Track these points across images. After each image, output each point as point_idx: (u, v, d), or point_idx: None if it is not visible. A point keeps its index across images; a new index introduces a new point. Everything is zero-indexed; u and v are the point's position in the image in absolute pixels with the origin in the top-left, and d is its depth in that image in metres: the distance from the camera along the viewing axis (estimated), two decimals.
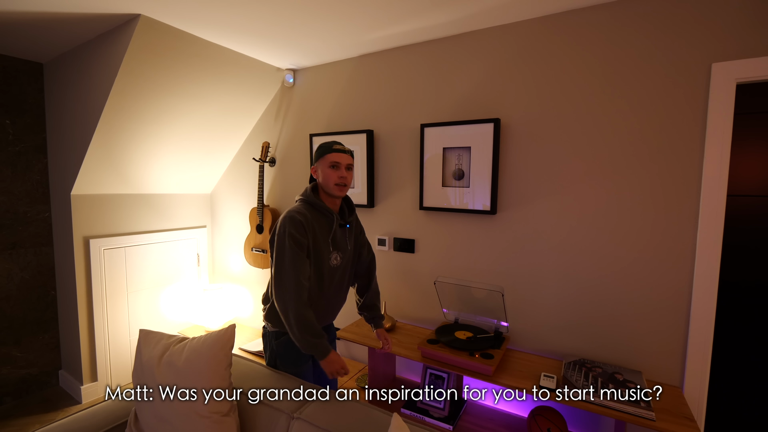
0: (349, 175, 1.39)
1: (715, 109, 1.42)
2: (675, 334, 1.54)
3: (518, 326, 1.87)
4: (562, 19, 1.69)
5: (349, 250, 1.48)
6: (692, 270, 1.50)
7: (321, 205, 1.38)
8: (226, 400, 1.17)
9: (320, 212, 1.39)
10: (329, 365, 1.33)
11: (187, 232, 2.87)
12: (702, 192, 1.46)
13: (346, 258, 1.47)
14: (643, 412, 1.29)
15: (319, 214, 1.38)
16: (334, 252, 1.41)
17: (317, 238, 1.35)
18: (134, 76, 1.93)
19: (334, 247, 1.41)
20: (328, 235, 1.38)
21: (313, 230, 1.34)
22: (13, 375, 2.37)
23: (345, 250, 1.46)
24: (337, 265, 1.44)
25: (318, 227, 1.36)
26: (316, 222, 1.36)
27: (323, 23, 1.82)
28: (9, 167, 2.30)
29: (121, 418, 1.27)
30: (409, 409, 1.83)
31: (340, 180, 1.36)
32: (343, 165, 1.38)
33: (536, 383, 1.51)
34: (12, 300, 2.35)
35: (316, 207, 1.39)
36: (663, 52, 1.51)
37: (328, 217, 1.39)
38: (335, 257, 1.41)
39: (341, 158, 1.38)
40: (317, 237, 1.35)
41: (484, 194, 1.86)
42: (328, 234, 1.38)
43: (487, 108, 1.88)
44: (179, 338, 1.27)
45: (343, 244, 1.44)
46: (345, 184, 1.38)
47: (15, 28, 1.89)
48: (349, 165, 1.40)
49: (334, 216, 1.39)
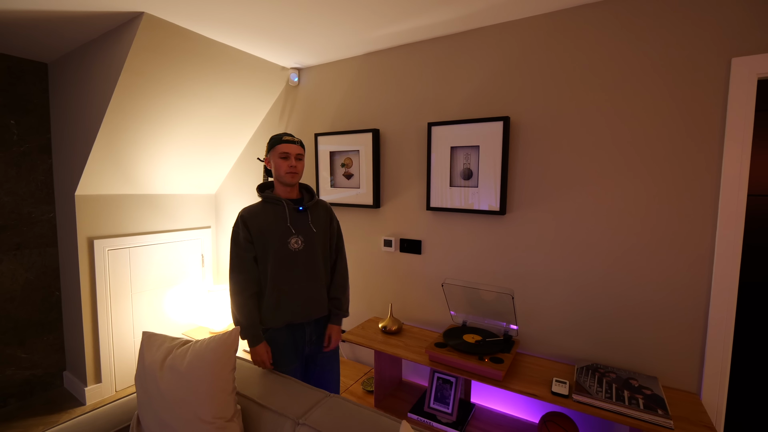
0: (299, 164, 1.49)
1: (735, 105, 1.37)
2: (692, 338, 1.49)
3: (528, 330, 1.83)
4: (573, 14, 1.64)
5: (315, 233, 1.51)
6: (711, 271, 1.45)
7: (268, 196, 1.50)
8: (229, 405, 1.15)
9: (270, 203, 1.49)
10: (254, 355, 1.45)
11: (191, 232, 2.85)
12: (721, 191, 1.40)
13: (311, 242, 1.50)
14: (661, 420, 1.24)
15: (269, 205, 1.49)
16: (294, 236, 1.47)
17: (266, 227, 1.45)
18: (138, 75, 1.91)
19: (296, 231, 1.48)
20: (284, 221, 1.47)
21: (258, 222, 1.45)
22: (18, 376, 2.36)
23: (308, 233, 1.50)
24: (299, 248, 1.48)
25: (267, 217, 1.47)
26: (267, 213, 1.47)
27: (328, 21, 1.79)
28: (14, 167, 2.29)
29: (123, 422, 1.24)
30: (417, 413, 1.79)
31: (290, 169, 1.46)
32: (293, 155, 1.48)
33: (548, 389, 1.47)
34: (17, 301, 2.34)
35: (265, 199, 1.51)
36: (680, 47, 1.46)
37: (278, 205, 1.49)
38: (295, 241, 1.47)
39: (290, 149, 1.47)
40: (266, 227, 1.45)
41: (493, 194, 1.82)
42: (284, 220, 1.47)
43: (496, 106, 1.84)
44: (182, 341, 1.25)
45: (304, 228, 1.50)
46: (295, 172, 1.48)
47: (19, 28, 1.88)
48: (298, 155, 1.49)
49: (284, 202, 1.48)
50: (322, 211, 1.59)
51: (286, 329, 1.50)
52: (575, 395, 1.39)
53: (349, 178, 2.33)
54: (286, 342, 1.50)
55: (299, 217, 1.50)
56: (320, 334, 1.58)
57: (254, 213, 1.47)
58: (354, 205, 2.31)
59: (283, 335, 1.50)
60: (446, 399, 1.78)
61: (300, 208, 1.51)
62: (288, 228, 1.46)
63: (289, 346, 1.51)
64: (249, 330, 1.44)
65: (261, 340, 1.46)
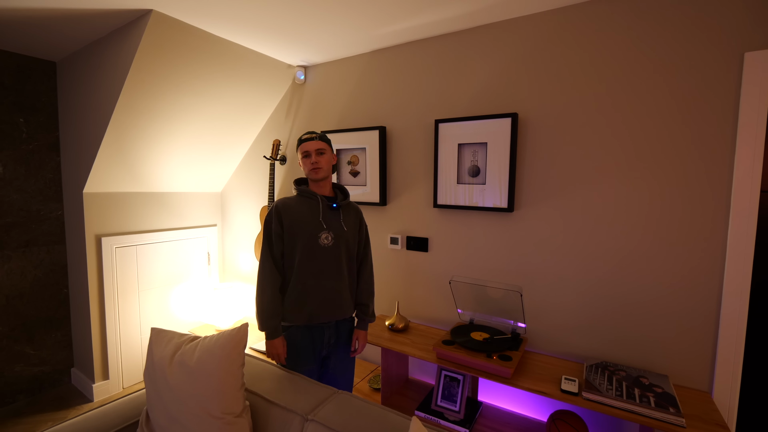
0: (320, 159, 1.50)
1: (748, 101, 1.35)
2: (704, 336, 1.48)
3: (536, 327, 1.82)
4: (583, 9, 1.63)
5: (346, 231, 1.53)
6: (723, 268, 1.43)
7: (304, 190, 1.53)
8: (238, 401, 1.15)
9: (305, 197, 1.53)
10: (270, 347, 1.48)
11: (197, 230, 2.86)
12: (733, 189, 1.39)
13: (340, 240, 1.52)
14: (672, 418, 1.23)
15: (304, 199, 1.52)
16: (325, 231, 1.49)
17: (299, 219, 1.48)
18: (145, 73, 1.92)
19: (327, 226, 1.50)
20: (317, 215, 1.49)
21: (291, 214, 1.48)
22: (26, 373, 2.38)
23: (339, 231, 1.52)
24: (328, 245, 1.49)
25: (301, 210, 1.50)
26: (302, 206, 1.50)
27: (335, 18, 1.79)
28: (23, 165, 2.31)
29: (132, 417, 1.25)
30: (424, 411, 1.78)
31: (312, 165, 1.50)
32: (313, 151, 1.50)
33: (557, 386, 1.46)
34: (25, 298, 2.36)
35: (300, 193, 1.54)
36: (691, 42, 1.44)
37: (313, 200, 1.52)
38: (325, 236, 1.49)
39: (309, 146, 1.50)
40: (299, 219, 1.48)
41: (501, 191, 1.81)
42: (317, 214, 1.49)
43: (503, 103, 1.83)
44: (191, 337, 1.25)
45: (335, 225, 1.52)
46: (318, 167, 1.50)
47: (28, 27, 1.89)
48: (318, 149, 1.50)
49: (318, 197, 1.51)
50: (353, 213, 1.61)
51: (306, 330, 1.49)
52: (585, 393, 1.38)
53: (356, 175, 2.32)
54: (305, 343, 1.49)
55: (332, 214, 1.52)
56: (339, 337, 1.57)
57: (289, 205, 1.50)
58: (360, 202, 2.31)
59: (301, 335, 1.49)
60: (453, 397, 1.77)
61: (334, 205, 1.53)
62: (320, 223, 1.48)
63: (308, 347, 1.50)
64: (269, 321, 1.45)
65: (279, 334, 1.47)
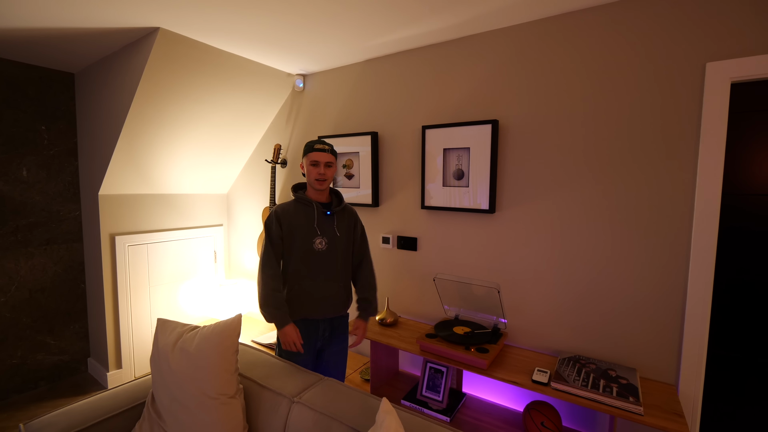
0: (328, 171, 1.56)
1: (710, 108, 1.43)
2: (670, 332, 1.56)
3: (516, 323, 1.92)
4: (559, 21, 1.72)
5: (338, 237, 1.61)
6: (687, 268, 1.51)
7: (301, 197, 1.60)
8: (232, 384, 1.28)
9: (302, 203, 1.59)
10: (283, 336, 1.53)
11: (204, 230, 3.02)
12: (696, 191, 1.47)
13: (333, 245, 1.60)
14: (631, 406, 1.32)
15: (301, 206, 1.59)
16: (319, 237, 1.57)
17: (296, 225, 1.56)
18: (155, 84, 2.08)
19: (321, 232, 1.57)
20: (312, 222, 1.57)
21: (289, 220, 1.56)
22: (47, 361, 2.58)
23: (332, 236, 1.60)
24: (322, 249, 1.58)
25: (298, 216, 1.57)
26: (298, 212, 1.58)
27: (330, 31, 1.92)
28: (44, 170, 2.50)
29: (140, 398, 1.40)
30: (410, 400, 1.90)
31: (319, 176, 1.55)
32: (322, 163, 1.55)
33: (530, 377, 1.56)
34: (47, 292, 2.55)
35: (297, 199, 1.61)
36: (657, 53, 1.53)
37: (309, 207, 1.59)
38: (320, 242, 1.57)
39: (320, 157, 1.55)
40: (296, 225, 1.56)
41: (483, 194, 1.91)
42: (312, 221, 1.57)
43: (485, 109, 1.93)
44: (191, 327, 1.39)
45: (329, 231, 1.59)
46: (324, 179, 1.56)
47: (49, 42, 2.07)
48: (328, 162, 1.56)
49: (314, 205, 1.58)
50: (347, 216, 1.67)
51: (301, 323, 1.59)
52: (554, 383, 1.47)
53: (350, 178, 2.45)
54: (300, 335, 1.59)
55: (326, 220, 1.59)
56: (333, 330, 1.66)
57: (287, 210, 1.58)
58: (354, 204, 2.43)
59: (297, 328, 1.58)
60: (437, 387, 1.88)
61: (328, 213, 1.60)
62: (314, 229, 1.56)
63: (303, 339, 1.60)
64: (276, 312, 1.52)
65: (289, 321, 1.52)
